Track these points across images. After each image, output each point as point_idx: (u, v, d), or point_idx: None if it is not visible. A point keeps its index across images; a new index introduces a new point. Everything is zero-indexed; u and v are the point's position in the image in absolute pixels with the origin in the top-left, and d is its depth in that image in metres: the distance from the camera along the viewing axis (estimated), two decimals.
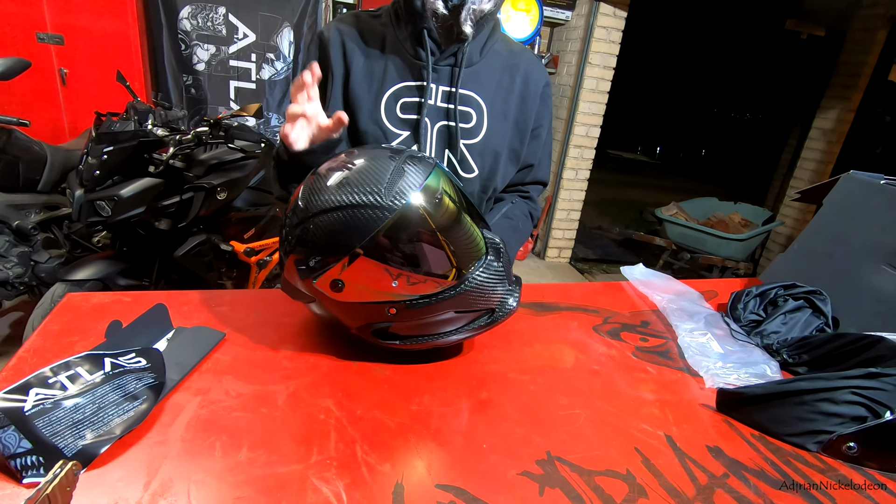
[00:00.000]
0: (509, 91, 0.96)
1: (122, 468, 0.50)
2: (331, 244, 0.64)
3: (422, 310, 0.67)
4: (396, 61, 0.90)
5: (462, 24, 0.85)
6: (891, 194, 0.98)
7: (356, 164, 0.66)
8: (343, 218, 0.63)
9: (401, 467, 0.55)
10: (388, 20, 0.91)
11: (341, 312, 0.69)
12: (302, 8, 3.20)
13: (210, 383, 0.64)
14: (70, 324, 0.72)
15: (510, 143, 0.98)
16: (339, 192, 0.64)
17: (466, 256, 0.69)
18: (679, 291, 1.12)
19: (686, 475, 0.60)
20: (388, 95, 0.90)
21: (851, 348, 0.78)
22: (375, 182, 0.63)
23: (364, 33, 0.91)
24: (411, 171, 0.65)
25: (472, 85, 0.92)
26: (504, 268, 0.72)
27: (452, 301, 0.68)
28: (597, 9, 3.70)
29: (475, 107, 0.93)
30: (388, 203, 0.62)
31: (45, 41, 2.84)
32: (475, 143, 0.93)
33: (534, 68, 0.99)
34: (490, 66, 0.94)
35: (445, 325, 0.71)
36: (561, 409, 0.69)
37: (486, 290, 0.70)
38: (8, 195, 2.06)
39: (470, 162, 0.94)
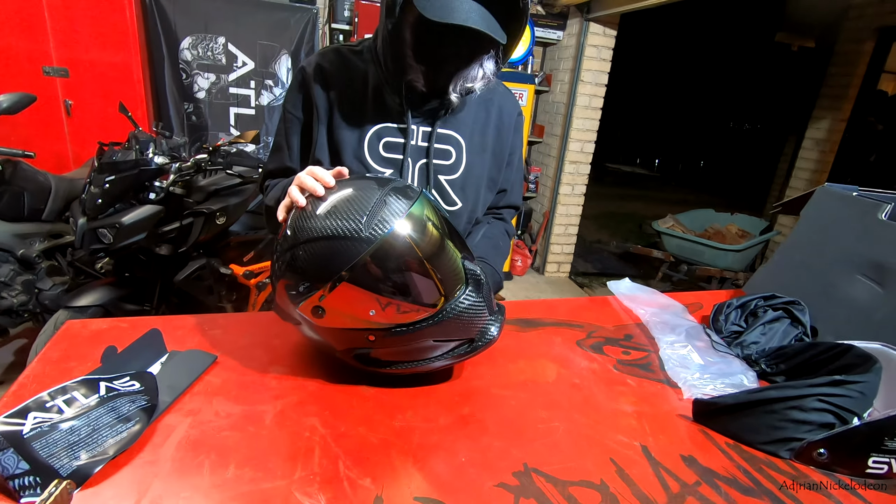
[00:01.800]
0: (486, 124, 1.01)
1: (114, 487, 0.53)
2: (312, 272, 0.66)
3: (400, 338, 0.70)
4: (378, 100, 0.93)
5: (449, 93, 0.89)
6: (863, 206, 1.01)
7: (342, 195, 0.69)
8: (324, 248, 0.65)
9: (381, 481, 0.57)
10: (370, 57, 0.94)
11: (326, 335, 0.72)
12: (299, 36, 3.29)
13: (201, 404, 0.67)
14: (69, 350, 0.75)
15: (489, 172, 1.03)
16: (323, 221, 0.66)
17: (446, 287, 0.70)
18: (663, 305, 1.15)
19: (659, 484, 0.62)
20: (370, 134, 0.92)
21: (825, 357, 0.80)
22: (358, 213, 0.66)
23: (346, 70, 0.93)
24: (393, 201, 0.68)
25: (451, 124, 0.96)
26: (484, 299, 0.74)
27: (430, 330, 0.70)
28: (587, 28, 3.79)
29: (454, 144, 0.97)
30: (367, 235, 0.64)
31: (51, 74, 2.93)
32: (456, 178, 0.98)
33: (506, 101, 1.04)
34: (467, 104, 0.98)
35: (425, 352, 0.73)
36: (540, 423, 0.71)
37: (464, 321, 0.72)
38: (13, 225, 2.11)
39: (451, 196, 0.98)
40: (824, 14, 4.75)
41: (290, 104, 0.98)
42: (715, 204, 4.87)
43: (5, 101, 1.87)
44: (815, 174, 4.44)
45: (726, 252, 3.72)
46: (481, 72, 0.89)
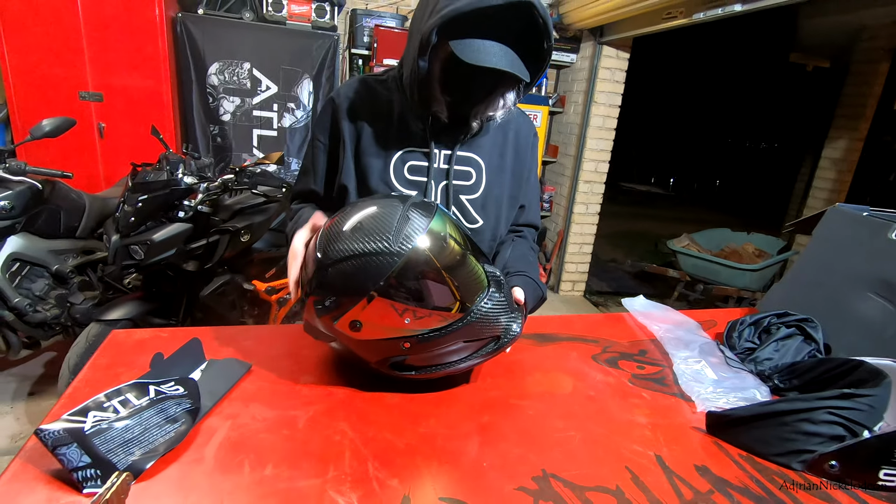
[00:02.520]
0: (504, 146, 1.07)
1: (164, 482, 0.57)
2: (348, 289, 0.71)
3: (434, 342, 0.74)
4: (403, 126, 0.99)
5: (470, 121, 0.96)
6: (874, 226, 1.03)
7: (366, 213, 0.74)
8: (357, 265, 0.70)
9: (408, 482, 0.61)
10: (395, 86, 1.00)
11: (360, 349, 0.76)
12: (321, 61, 3.42)
13: (239, 409, 0.71)
14: (116, 357, 0.81)
15: (510, 190, 1.08)
16: (352, 240, 0.71)
17: (470, 290, 0.76)
18: (677, 321, 1.17)
19: (672, 491, 0.64)
20: (395, 159, 0.99)
21: (836, 372, 0.82)
22: (384, 230, 0.71)
23: (371, 99, 1.00)
24: (416, 216, 0.73)
25: (471, 147, 1.02)
26: (505, 297, 0.79)
27: (461, 332, 0.75)
28: (600, 52, 3.87)
29: (475, 166, 1.03)
30: (397, 249, 0.69)
31: (87, 99, 3.08)
32: (476, 198, 1.03)
33: (523, 123, 1.11)
34: (486, 128, 1.04)
35: (456, 353, 0.78)
36: (557, 432, 0.74)
37: (490, 320, 0.77)
38: (49, 241, 2.21)
39: (473, 214, 1.03)
40: (837, 35, 4.77)
41: (318, 131, 1.05)
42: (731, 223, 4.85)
43: (48, 126, 1.98)
44: (832, 194, 4.41)
45: (743, 272, 3.70)
46: (502, 102, 0.95)
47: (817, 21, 4.55)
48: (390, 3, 3.97)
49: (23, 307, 2.09)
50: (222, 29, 3.26)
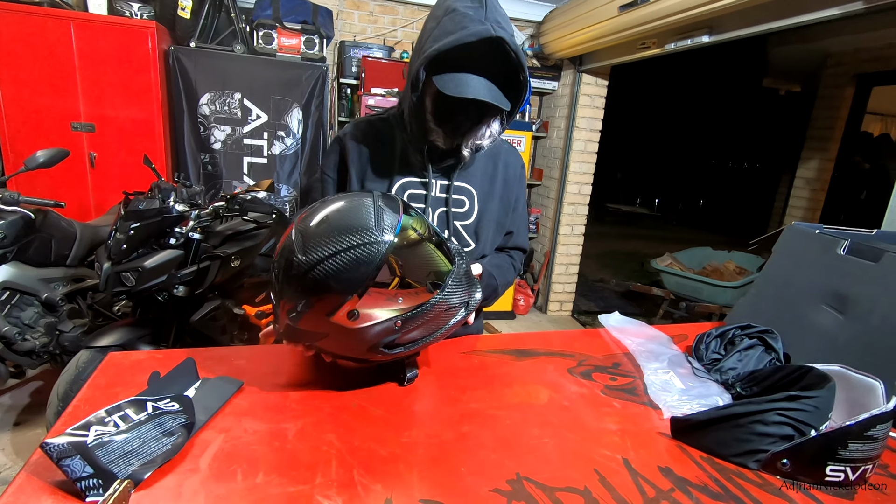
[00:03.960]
0: (493, 176, 1.18)
1: (162, 490, 0.61)
2: (343, 283, 0.75)
3: (419, 317, 0.81)
4: (403, 158, 1.10)
5: (462, 149, 1.06)
6: (825, 242, 1.11)
7: (341, 210, 0.79)
8: (350, 258, 0.74)
9: (391, 486, 0.65)
10: (395, 122, 1.11)
11: (354, 338, 0.79)
12: (310, 90, 3.53)
13: (231, 423, 0.76)
14: (112, 378, 0.85)
15: (498, 217, 1.20)
16: (335, 238, 0.75)
17: (442, 266, 0.86)
18: (650, 336, 1.24)
19: (636, 490, 0.69)
20: (396, 187, 1.09)
21: (790, 378, 0.89)
22: (365, 223, 0.76)
23: (375, 136, 1.12)
24: (387, 207, 0.80)
25: (464, 177, 1.14)
26: (467, 268, 0.89)
27: (439, 304, 0.83)
28: (580, 79, 4.03)
29: (467, 195, 1.14)
30: (383, 238, 0.76)
31: (79, 129, 3.14)
32: (469, 223, 1.15)
33: (511, 156, 1.22)
34: (478, 159, 1.15)
35: (435, 325, 0.85)
36: (532, 439, 0.79)
37: (460, 290, 0.86)
38: (40, 269, 2.24)
39: (466, 238, 1.15)
40: (805, 62, 5.01)
41: (326, 167, 1.16)
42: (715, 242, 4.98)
43: (42, 157, 2.03)
44: (807, 212, 4.57)
45: (724, 289, 3.79)
46: (489, 131, 1.05)
47: (785, 49, 4.78)
48: (378, 35, 4.12)
49: (11, 335, 2.10)
50: (214, 61, 3.36)
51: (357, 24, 4.09)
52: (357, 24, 4.09)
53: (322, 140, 3.70)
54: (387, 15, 4.12)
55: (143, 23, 3.12)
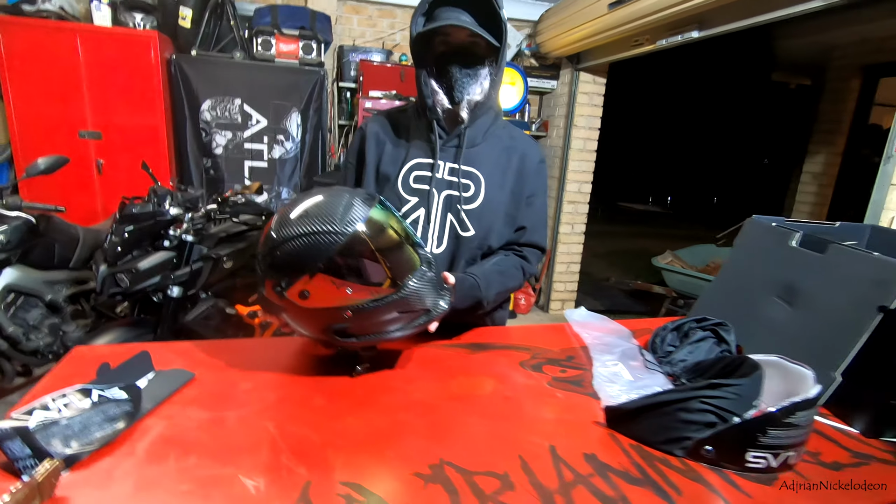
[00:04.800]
0: (507, 167, 1.21)
1: (96, 470, 0.66)
2: (298, 263, 0.82)
3: (371, 312, 0.85)
4: (416, 143, 1.19)
5: (461, 111, 1.13)
6: (779, 234, 1.11)
7: (316, 201, 0.86)
8: (307, 242, 0.81)
9: (314, 470, 0.69)
10: (412, 113, 1.21)
11: (306, 318, 0.87)
12: (308, 95, 3.59)
13: (177, 411, 0.80)
14: (76, 370, 0.90)
15: (507, 209, 1.22)
16: (303, 222, 0.83)
17: (404, 269, 0.88)
18: (611, 330, 1.25)
19: (556, 474, 0.72)
20: (405, 169, 1.17)
21: (730, 368, 0.89)
22: (331, 214, 0.83)
23: (393, 127, 1.24)
24: (359, 204, 0.85)
25: (473, 162, 1.18)
26: (436, 277, 0.92)
27: (395, 304, 0.87)
28: (577, 78, 4.03)
29: (474, 180, 1.18)
30: (342, 229, 0.81)
31: (86, 137, 3.25)
32: (473, 209, 1.18)
33: (530, 149, 1.25)
34: (491, 147, 1.21)
35: (391, 323, 0.89)
36: (465, 427, 0.82)
37: (421, 295, 0.89)
38: (43, 272, 2.33)
39: (467, 223, 1.18)
40: (811, 55, 4.92)
41: (349, 154, 1.29)
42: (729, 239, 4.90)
43: (42, 164, 2.12)
44: (815, 207, 4.48)
45: None
46: (479, 88, 1.15)
47: (790, 42, 4.71)
48: (377, 38, 4.18)
49: (17, 336, 2.19)
50: (214, 68, 3.45)
51: (356, 29, 4.15)
52: (356, 28, 4.15)
53: (321, 143, 3.76)
54: (385, 19, 4.18)
55: (146, 33, 3.23)
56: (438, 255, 1.20)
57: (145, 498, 0.62)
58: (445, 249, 1.21)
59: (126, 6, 3.26)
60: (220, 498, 0.63)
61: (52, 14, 3.10)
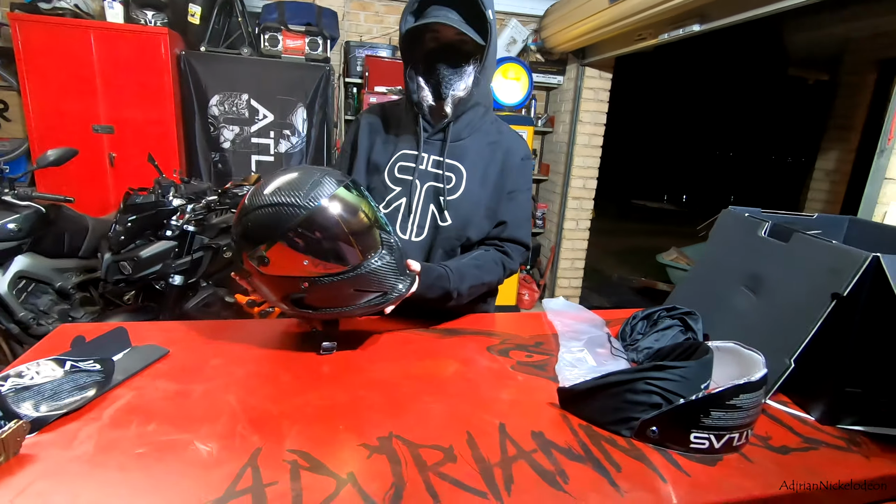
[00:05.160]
0: (490, 161, 1.24)
1: (62, 433, 0.70)
2: (262, 230, 0.87)
3: (327, 286, 0.89)
4: (404, 136, 1.23)
5: (445, 106, 1.18)
6: (749, 224, 1.11)
7: (288, 176, 0.91)
8: (272, 212, 0.86)
9: (266, 438, 0.72)
10: (404, 106, 1.25)
11: (267, 284, 0.91)
12: (313, 90, 3.65)
13: (146, 383, 0.84)
14: (57, 345, 0.95)
15: (488, 202, 1.24)
16: (272, 194, 0.87)
17: (364, 249, 0.91)
18: (585, 318, 1.27)
19: (499, 449, 0.74)
20: (392, 160, 1.22)
21: (686, 353, 0.91)
22: (298, 188, 0.87)
23: (386, 119, 1.28)
24: (328, 182, 0.89)
25: (457, 156, 1.22)
26: (396, 262, 0.95)
27: (351, 281, 0.90)
28: (583, 73, 4.01)
29: (456, 172, 1.21)
30: (304, 203, 0.85)
31: (99, 131, 3.35)
32: (452, 200, 1.21)
33: (515, 144, 1.27)
34: (476, 142, 1.24)
35: (348, 299, 0.93)
36: (420, 405, 0.85)
37: (379, 276, 0.93)
38: (53, 260, 2.42)
39: (445, 214, 1.21)
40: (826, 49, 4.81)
41: (345, 143, 1.34)
42: None
43: (52, 156, 2.21)
44: (827, 204, 4.40)
45: None
46: (463, 84, 1.18)
47: (804, 36, 4.61)
48: (384, 34, 4.22)
49: (27, 321, 2.29)
50: (223, 64, 3.52)
51: (363, 25, 4.19)
52: (363, 24, 4.19)
53: (327, 138, 3.81)
54: (392, 15, 4.21)
55: (157, 29, 3.31)
56: (417, 244, 1.23)
57: (102, 459, 0.66)
58: (424, 239, 1.23)
59: (138, 3, 3.35)
60: (173, 460, 0.66)
61: (68, 11, 3.20)
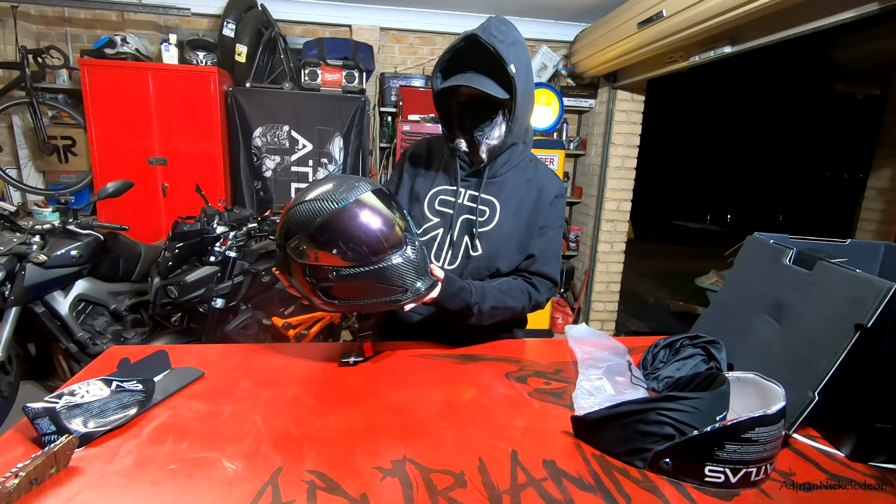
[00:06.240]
0: (525, 197, 1.30)
1: (106, 447, 0.77)
2: (299, 224, 0.96)
3: (353, 277, 0.96)
4: (444, 170, 1.33)
5: (480, 153, 1.25)
6: (774, 252, 1.09)
7: (327, 180, 1.01)
8: (309, 207, 0.96)
9: (287, 458, 0.77)
10: (445, 143, 1.32)
11: (300, 275, 0.99)
12: (350, 120, 3.81)
13: (181, 403, 0.91)
14: (106, 366, 1.04)
15: (520, 236, 1.29)
16: (311, 194, 0.98)
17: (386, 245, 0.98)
18: (607, 346, 1.26)
19: (509, 476, 0.75)
20: (432, 192, 1.31)
21: (704, 383, 0.90)
22: (335, 189, 0.97)
23: (429, 152, 1.37)
24: (362, 186, 0.99)
25: (492, 191, 1.28)
26: (418, 261, 1.02)
27: (374, 273, 0.97)
28: (615, 96, 4.01)
29: (490, 206, 1.28)
30: (338, 198, 0.95)
31: (154, 164, 3.61)
32: (484, 231, 1.27)
33: (549, 182, 1.32)
34: (512, 178, 1.30)
35: (371, 294, 1.00)
36: (435, 430, 0.87)
37: (400, 272, 0.99)
38: (109, 284, 2.61)
39: (477, 243, 1.27)
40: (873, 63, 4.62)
41: (395, 169, 1.43)
42: None
43: (111, 188, 2.40)
44: (881, 225, 4.17)
45: None
46: (497, 132, 1.24)
47: (849, 52, 4.46)
48: (417, 65, 4.37)
49: (85, 340, 2.46)
50: (266, 98, 3.74)
51: (398, 57, 4.36)
52: (398, 56, 4.36)
53: (362, 165, 3.95)
54: (426, 46, 4.37)
55: (207, 69, 3.56)
56: (450, 272, 1.26)
57: (139, 473, 0.72)
58: (457, 267, 1.28)
59: (191, 46, 3.63)
60: (201, 476, 0.72)
61: (129, 55, 3.50)
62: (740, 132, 10.52)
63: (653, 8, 2.78)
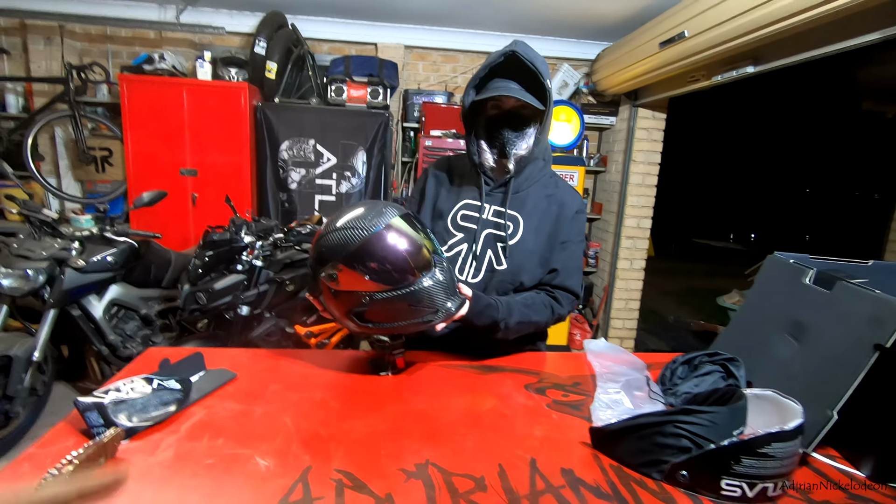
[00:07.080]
0: (546, 213, 1.33)
1: (148, 441, 0.82)
2: (332, 251, 1.00)
3: (386, 301, 0.99)
4: (467, 186, 1.36)
5: (508, 164, 1.29)
6: (794, 271, 1.10)
7: (358, 207, 1.04)
8: (340, 235, 0.99)
9: (316, 458, 0.80)
10: (468, 160, 1.37)
11: (333, 301, 1.03)
12: (373, 135, 3.91)
13: (216, 402, 0.96)
14: (145, 366, 1.10)
15: (542, 251, 1.33)
16: (341, 221, 1.01)
17: (416, 269, 1.00)
18: (625, 361, 1.27)
19: (528, 482, 0.78)
20: (456, 208, 1.35)
21: (722, 399, 0.91)
22: (364, 216, 1.00)
23: (451, 170, 1.42)
24: (389, 212, 1.01)
25: (516, 205, 1.32)
26: (446, 283, 1.04)
27: (406, 296, 1.00)
28: (636, 114, 4.03)
29: (514, 221, 1.32)
30: (368, 226, 0.98)
31: (185, 174, 3.75)
32: (510, 246, 1.30)
33: (570, 198, 1.36)
34: (534, 193, 1.34)
35: (404, 316, 1.02)
36: (457, 436, 0.90)
37: (431, 294, 1.02)
38: (140, 290, 2.71)
39: (501, 257, 1.31)
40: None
41: (415, 189, 1.47)
42: None
43: (146, 197, 2.50)
44: None
45: None
46: (525, 144, 1.28)
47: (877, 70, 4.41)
48: (440, 81, 4.47)
49: (116, 343, 2.56)
50: (293, 113, 3.86)
51: (421, 74, 4.47)
52: (421, 73, 4.47)
53: (384, 179, 4.04)
54: (448, 63, 4.46)
55: (238, 84, 3.71)
56: (474, 285, 1.30)
57: (179, 466, 0.77)
58: (480, 280, 1.31)
59: (224, 62, 3.78)
60: (237, 471, 0.76)
61: (166, 72, 3.66)
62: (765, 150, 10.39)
63: (675, 28, 2.81)
